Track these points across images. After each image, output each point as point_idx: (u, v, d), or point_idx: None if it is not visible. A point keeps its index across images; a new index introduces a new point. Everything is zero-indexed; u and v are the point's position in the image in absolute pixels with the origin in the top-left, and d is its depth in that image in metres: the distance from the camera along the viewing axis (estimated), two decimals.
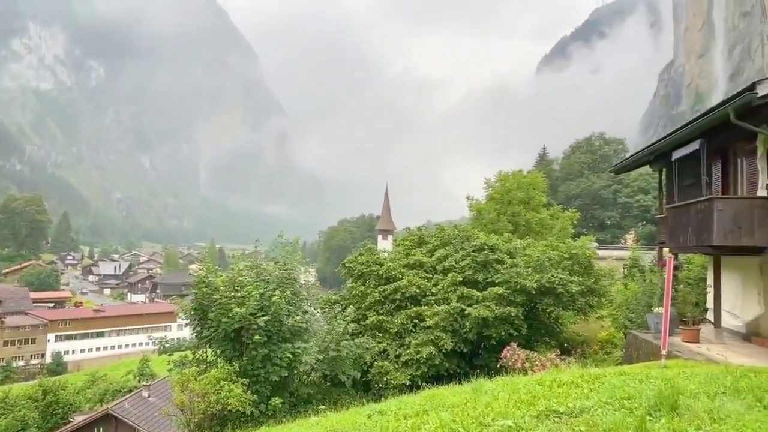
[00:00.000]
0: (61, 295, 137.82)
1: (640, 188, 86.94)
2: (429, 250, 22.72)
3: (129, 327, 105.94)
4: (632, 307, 18.68)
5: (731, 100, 11.66)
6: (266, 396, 15.23)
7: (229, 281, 16.32)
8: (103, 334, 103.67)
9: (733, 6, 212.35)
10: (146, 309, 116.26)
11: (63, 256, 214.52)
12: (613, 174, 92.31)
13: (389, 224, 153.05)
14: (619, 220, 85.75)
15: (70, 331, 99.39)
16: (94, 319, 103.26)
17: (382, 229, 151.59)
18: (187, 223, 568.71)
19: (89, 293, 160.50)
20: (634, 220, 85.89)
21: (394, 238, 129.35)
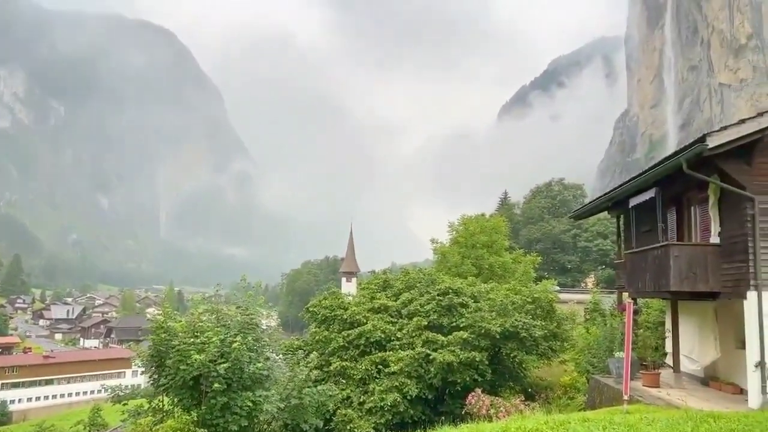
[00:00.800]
0: (9, 340, 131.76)
1: (599, 233, 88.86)
2: (394, 293, 22.63)
3: (80, 374, 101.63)
4: (594, 351, 18.85)
5: (683, 151, 12.13)
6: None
7: (188, 326, 15.87)
8: (52, 381, 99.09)
9: (682, 60, 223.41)
10: (99, 355, 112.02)
11: (13, 299, 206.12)
12: (572, 219, 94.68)
13: (353, 266, 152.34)
14: (579, 263, 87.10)
15: (18, 378, 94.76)
16: (44, 366, 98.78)
17: (346, 271, 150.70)
18: (146, 265, 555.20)
19: (39, 338, 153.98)
20: (593, 263, 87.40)
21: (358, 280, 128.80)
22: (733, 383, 14.58)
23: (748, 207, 11.90)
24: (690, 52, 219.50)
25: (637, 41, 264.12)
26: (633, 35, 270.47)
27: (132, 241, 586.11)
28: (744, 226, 12.01)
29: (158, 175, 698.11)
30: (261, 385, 15.97)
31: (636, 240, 16.68)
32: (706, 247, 13.24)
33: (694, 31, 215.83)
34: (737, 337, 14.72)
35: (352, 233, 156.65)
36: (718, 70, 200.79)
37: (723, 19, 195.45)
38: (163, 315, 16.35)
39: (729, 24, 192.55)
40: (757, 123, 11.58)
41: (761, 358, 11.63)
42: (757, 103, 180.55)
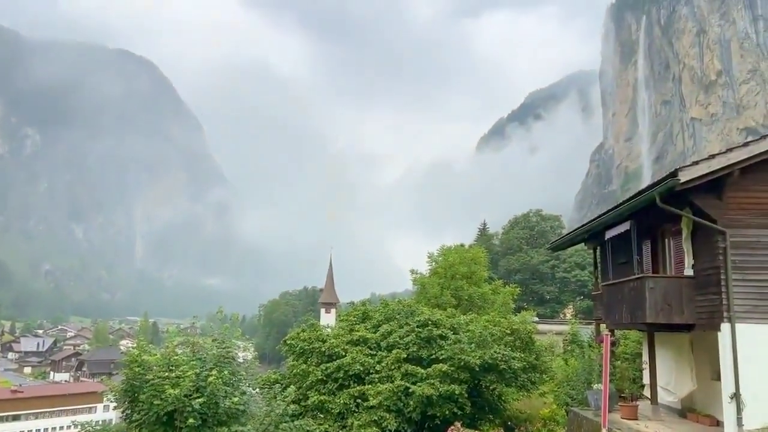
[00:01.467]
0: None
1: (577, 263, 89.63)
2: (373, 325, 22.47)
3: (50, 409, 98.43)
4: (573, 383, 18.85)
5: (656, 185, 12.41)
6: None
7: (163, 360, 15.55)
8: (20, 417, 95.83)
9: (655, 95, 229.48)
10: (70, 389, 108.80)
11: None
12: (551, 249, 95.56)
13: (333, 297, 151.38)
14: (557, 294, 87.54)
15: None
16: (11, 401, 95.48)
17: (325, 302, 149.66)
18: (120, 296, 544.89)
19: (7, 372, 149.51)
20: (571, 294, 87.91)
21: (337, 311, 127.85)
22: (710, 415, 14.67)
23: (719, 240, 12.17)
24: (662, 87, 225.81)
25: (611, 76, 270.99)
26: (607, 70, 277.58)
27: (106, 272, 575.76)
28: (716, 259, 12.26)
29: (135, 204, 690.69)
30: (237, 420, 15.62)
31: (612, 272, 16.89)
32: (680, 279, 13.46)
33: (666, 67, 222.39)
34: (713, 368, 14.87)
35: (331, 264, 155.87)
36: (689, 105, 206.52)
37: (693, 56, 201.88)
38: (137, 348, 16.02)
39: (699, 61, 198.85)
40: (727, 158, 11.92)
41: (736, 390, 11.76)
42: (728, 137, 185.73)
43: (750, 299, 12.06)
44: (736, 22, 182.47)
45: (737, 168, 11.90)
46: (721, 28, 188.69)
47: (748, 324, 11.91)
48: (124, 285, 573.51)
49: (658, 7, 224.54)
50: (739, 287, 12.00)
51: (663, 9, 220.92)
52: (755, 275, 12.15)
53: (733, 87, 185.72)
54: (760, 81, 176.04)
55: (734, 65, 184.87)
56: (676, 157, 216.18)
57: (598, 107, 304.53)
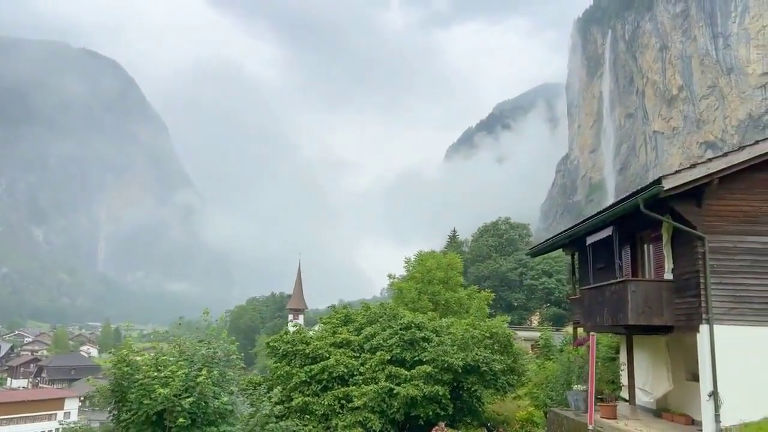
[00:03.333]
0: None
1: (545, 271, 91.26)
2: (356, 328, 22.72)
3: (8, 416, 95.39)
4: (552, 385, 19.37)
5: (640, 192, 13.00)
6: None
7: (151, 360, 15.53)
8: None
9: (620, 108, 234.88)
10: (29, 395, 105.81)
11: None
12: (518, 257, 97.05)
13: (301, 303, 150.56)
14: (525, 301, 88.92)
15: None
16: None
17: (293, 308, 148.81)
18: (82, 301, 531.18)
19: None
20: (539, 301, 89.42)
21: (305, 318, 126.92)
22: (685, 414, 15.31)
23: (699, 245, 12.81)
24: (627, 100, 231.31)
25: (577, 89, 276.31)
26: (574, 83, 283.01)
27: (67, 275, 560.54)
28: (696, 263, 12.89)
29: (99, 206, 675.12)
30: (225, 420, 15.70)
31: (592, 276, 17.47)
32: (660, 283, 14.08)
33: (630, 80, 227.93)
34: (688, 369, 15.55)
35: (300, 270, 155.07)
36: (652, 119, 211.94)
37: (656, 70, 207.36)
38: (125, 347, 15.95)
39: (662, 75, 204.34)
40: (707, 168, 12.57)
41: (714, 388, 12.36)
42: (688, 151, 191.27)
43: (727, 302, 12.71)
44: (697, 39, 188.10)
45: (717, 177, 12.57)
46: (683, 44, 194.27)
47: (726, 325, 12.55)
48: (86, 289, 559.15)
49: (623, 22, 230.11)
50: (717, 290, 12.64)
51: (628, 24, 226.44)
52: (732, 279, 12.82)
53: (694, 102, 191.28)
54: (719, 97, 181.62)
55: (695, 81, 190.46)
56: (639, 169, 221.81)
57: (565, 119, 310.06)
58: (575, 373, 17.90)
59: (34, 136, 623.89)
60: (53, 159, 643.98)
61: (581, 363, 18.04)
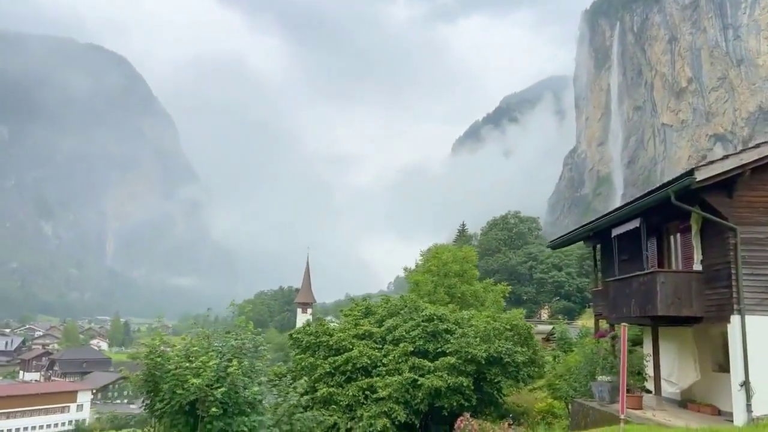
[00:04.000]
0: None
1: (554, 265, 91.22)
2: (377, 320, 22.88)
3: (21, 409, 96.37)
4: (575, 376, 19.47)
5: (671, 184, 13.04)
6: None
7: (182, 351, 15.72)
8: None
9: (628, 101, 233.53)
10: (42, 388, 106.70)
11: None
12: (528, 251, 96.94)
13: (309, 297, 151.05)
14: (534, 295, 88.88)
15: None
16: None
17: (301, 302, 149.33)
18: (90, 295, 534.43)
19: None
20: (548, 295, 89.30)
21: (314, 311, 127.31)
22: (711, 404, 15.40)
23: (730, 237, 12.85)
24: (635, 93, 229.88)
25: (585, 81, 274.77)
26: (581, 75, 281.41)
27: (76, 270, 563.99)
28: (727, 254, 12.93)
29: (105, 202, 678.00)
30: (255, 410, 15.89)
31: (617, 268, 17.52)
32: (690, 274, 14.13)
33: (638, 73, 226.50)
34: (714, 360, 15.63)
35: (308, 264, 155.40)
36: (661, 111, 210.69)
37: (665, 62, 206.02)
38: (156, 338, 16.15)
39: (671, 68, 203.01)
40: (739, 159, 12.60)
41: (746, 378, 12.43)
42: (697, 144, 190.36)
43: (758, 293, 12.77)
44: (707, 30, 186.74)
45: (749, 168, 12.60)
46: (693, 36, 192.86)
47: (757, 316, 12.61)
48: (94, 284, 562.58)
49: (632, 14, 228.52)
50: (749, 281, 12.69)
51: (636, 16, 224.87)
52: (764, 270, 12.87)
53: (703, 94, 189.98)
54: (728, 89, 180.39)
55: (704, 73, 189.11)
56: (647, 162, 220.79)
57: (572, 112, 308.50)
58: (599, 364, 17.99)
59: (41, 132, 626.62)
60: (60, 155, 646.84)
61: (605, 354, 18.14)
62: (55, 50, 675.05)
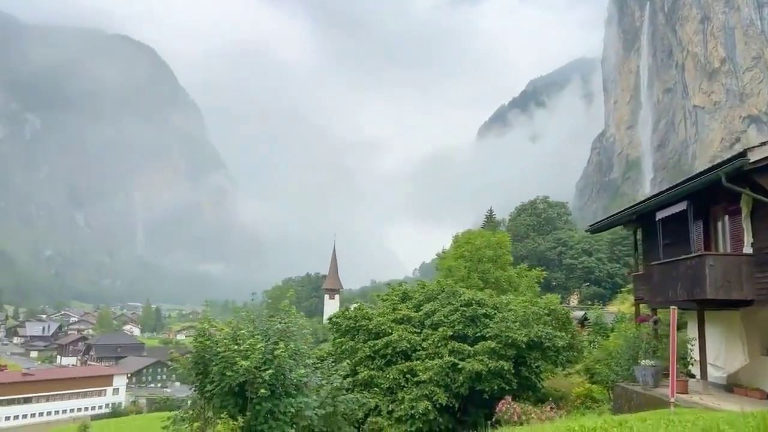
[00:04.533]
0: None
1: (584, 250, 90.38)
2: (414, 305, 23.03)
3: (60, 392, 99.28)
4: (616, 360, 19.39)
5: (722, 165, 12.84)
6: None
7: (229, 334, 16.09)
8: (31, 399, 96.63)
9: (658, 83, 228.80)
10: (79, 372, 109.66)
11: None
12: (557, 236, 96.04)
13: (336, 283, 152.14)
14: (564, 281, 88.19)
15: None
16: (23, 384, 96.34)
17: (329, 288, 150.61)
18: (121, 282, 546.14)
19: (13, 356, 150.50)
20: (578, 281, 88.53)
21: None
22: (759, 389, 15.21)
23: None
24: (665, 74, 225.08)
25: (613, 63, 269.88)
26: (610, 57, 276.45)
27: (107, 258, 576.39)
28: None
29: (134, 190, 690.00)
30: (301, 392, 16.22)
31: (662, 252, 17.33)
32: (740, 257, 13.93)
33: (669, 54, 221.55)
34: (763, 343, 15.41)
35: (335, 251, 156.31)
36: (692, 93, 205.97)
37: (697, 43, 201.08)
38: (205, 321, 16.53)
39: (703, 48, 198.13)
40: None
41: None
42: (731, 125, 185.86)
43: None
44: (741, 9, 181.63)
45: None
46: (726, 15, 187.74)
47: None
48: (124, 271, 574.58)
49: None
50: None
51: None
52: None
53: (737, 74, 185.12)
54: (764, 68, 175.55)
55: (738, 53, 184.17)
56: (678, 145, 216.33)
57: (600, 95, 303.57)
58: (641, 348, 17.88)
59: (72, 122, 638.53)
60: (90, 144, 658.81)
61: (648, 339, 18.02)
62: (84, 41, 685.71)
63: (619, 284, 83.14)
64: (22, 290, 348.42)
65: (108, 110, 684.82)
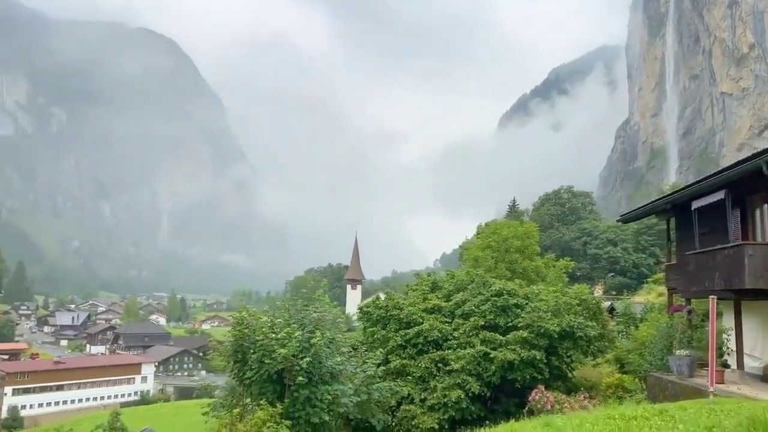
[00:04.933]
0: (16, 346, 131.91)
1: (609, 240, 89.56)
2: (444, 294, 23.18)
3: (91, 380, 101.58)
4: (649, 350, 19.34)
5: (763, 154, 12.73)
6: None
7: (267, 323, 16.46)
8: (62, 387, 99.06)
9: (684, 70, 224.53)
10: (109, 361, 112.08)
11: (17, 306, 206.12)
12: (582, 226, 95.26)
13: (358, 274, 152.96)
14: (588, 271, 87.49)
15: (29, 383, 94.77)
16: (54, 372, 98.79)
17: (351, 278, 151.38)
18: (146, 273, 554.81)
19: (44, 345, 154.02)
20: (603, 271, 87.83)
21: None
22: None
23: None
24: (692, 61, 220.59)
25: (638, 50, 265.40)
26: (634, 44, 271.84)
27: (132, 248, 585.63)
28: None
29: (158, 182, 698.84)
30: (337, 380, 16.55)
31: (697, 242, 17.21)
32: None
33: (695, 40, 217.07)
34: None
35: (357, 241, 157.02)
36: (720, 80, 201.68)
37: (725, 28, 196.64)
38: (242, 310, 16.93)
39: (731, 33, 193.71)
40: None
41: None
42: (759, 113, 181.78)
43: None
44: None
45: None
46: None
47: None
48: (149, 261, 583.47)
49: None
50: None
51: None
52: None
53: (766, 60, 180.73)
54: None
55: (767, 38, 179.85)
56: (705, 133, 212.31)
57: (624, 82, 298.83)
58: (676, 338, 17.83)
59: (96, 115, 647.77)
60: (115, 136, 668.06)
61: (682, 328, 17.95)
62: (108, 35, 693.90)
63: (644, 274, 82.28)
64: (52, 280, 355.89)
65: (132, 103, 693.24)
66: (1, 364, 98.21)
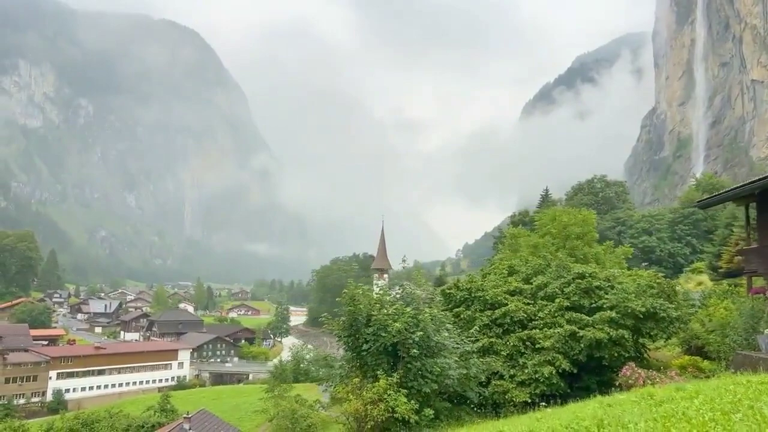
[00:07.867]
0: (55, 333, 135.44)
1: (644, 230, 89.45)
2: (522, 278, 24.01)
3: (130, 365, 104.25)
4: (735, 330, 20.00)
5: None
6: (418, 407, 16.27)
7: (378, 301, 17.59)
8: (103, 371, 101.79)
9: (713, 57, 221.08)
10: (148, 347, 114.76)
11: (50, 293, 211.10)
12: (615, 215, 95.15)
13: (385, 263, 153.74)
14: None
15: (71, 368, 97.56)
16: (95, 357, 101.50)
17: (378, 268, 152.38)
18: (171, 262, 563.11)
19: (79, 332, 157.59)
20: (637, 261, 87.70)
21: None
22: None
23: None
24: (721, 48, 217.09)
25: (665, 37, 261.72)
26: (661, 31, 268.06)
27: (158, 238, 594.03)
28: None
29: (183, 172, 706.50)
30: (442, 354, 17.60)
31: None
32: None
33: (725, 26, 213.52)
34: None
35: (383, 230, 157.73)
36: (750, 67, 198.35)
37: (756, 14, 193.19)
38: (355, 287, 18.05)
39: (763, 19, 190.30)
40: None
41: None
42: None
43: None
44: None
45: None
46: None
47: None
48: (174, 251, 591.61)
49: None
50: None
51: None
52: None
53: None
54: None
55: None
56: (735, 121, 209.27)
57: (651, 70, 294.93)
58: (764, 318, 18.47)
59: (122, 106, 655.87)
60: (140, 127, 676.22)
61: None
62: (132, 27, 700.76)
63: (680, 264, 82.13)
64: (79, 269, 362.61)
65: (156, 94, 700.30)
66: (44, 349, 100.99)
